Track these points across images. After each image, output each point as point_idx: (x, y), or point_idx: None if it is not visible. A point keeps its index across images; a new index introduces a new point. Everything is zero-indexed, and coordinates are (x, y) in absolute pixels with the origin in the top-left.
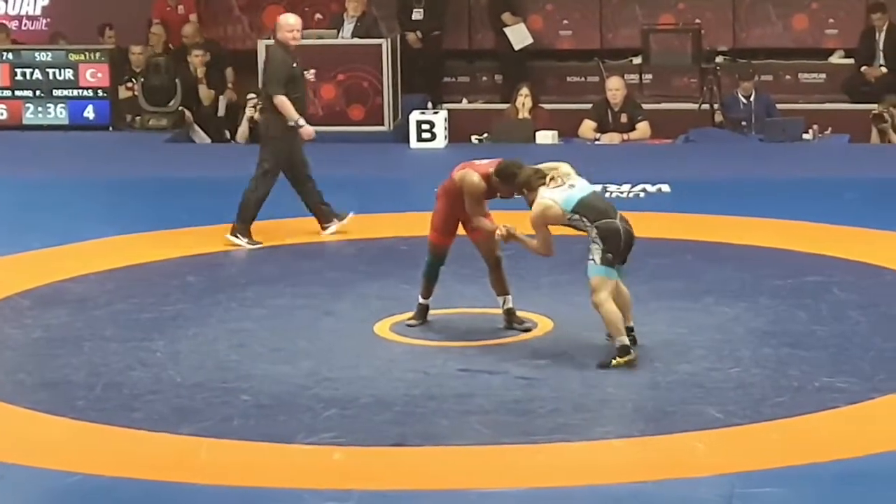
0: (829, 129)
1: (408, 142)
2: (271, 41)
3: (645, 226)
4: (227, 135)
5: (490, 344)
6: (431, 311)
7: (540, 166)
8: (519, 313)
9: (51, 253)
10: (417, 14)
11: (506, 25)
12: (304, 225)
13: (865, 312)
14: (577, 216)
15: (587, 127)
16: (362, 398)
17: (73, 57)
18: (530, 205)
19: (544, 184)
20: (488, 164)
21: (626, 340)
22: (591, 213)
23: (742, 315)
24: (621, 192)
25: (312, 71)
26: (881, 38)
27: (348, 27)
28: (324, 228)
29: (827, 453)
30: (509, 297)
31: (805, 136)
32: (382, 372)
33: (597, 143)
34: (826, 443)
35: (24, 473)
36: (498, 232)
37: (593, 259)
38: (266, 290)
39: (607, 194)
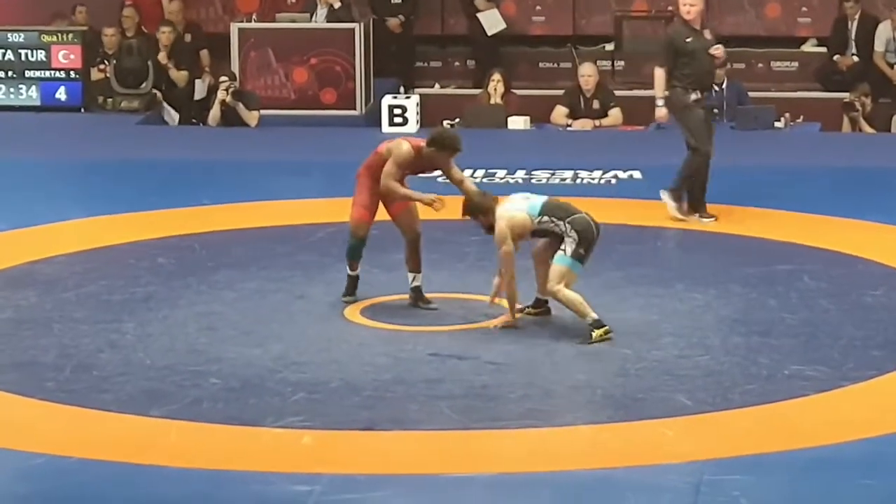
0: (801, 117)
1: (380, 126)
2: (247, 24)
3: (616, 212)
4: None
5: (460, 329)
6: (401, 296)
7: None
8: (484, 297)
9: (21, 234)
10: None
11: (479, 10)
12: (277, 208)
13: (836, 301)
14: (546, 218)
15: (559, 113)
16: (332, 382)
17: (45, 38)
18: (487, 229)
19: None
20: (421, 140)
21: (595, 316)
22: (559, 212)
23: (712, 302)
24: (593, 179)
25: (719, 47)
26: (853, 27)
27: (321, 11)
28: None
29: (796, 441)
30: (419, 275)
31: (777, 124)
32: (352, 356)
33: (569, 129)
34: (795, 430)
35: None
36: (437, 204)
37: (564, 250)
38: (237, 273)
39: (579, 180)
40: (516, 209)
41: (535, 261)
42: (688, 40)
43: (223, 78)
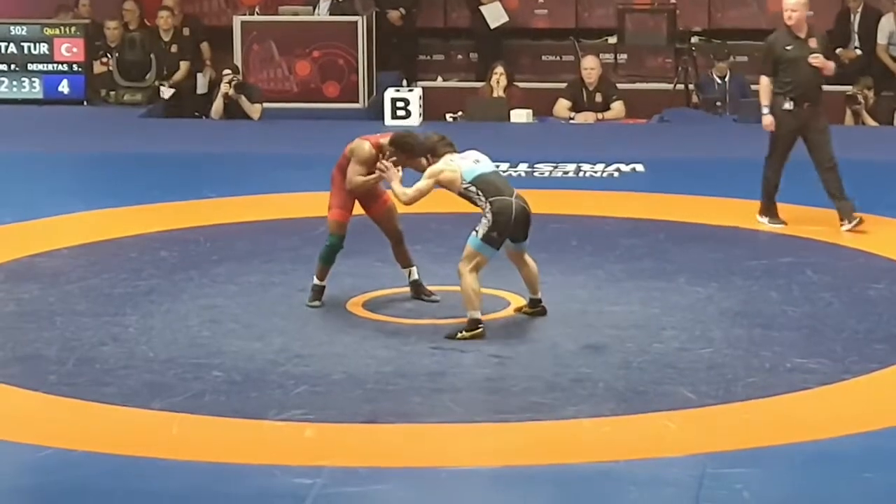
0: None
1: (382, 119)
2: (249, 17)
3: (619, 205)
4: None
5: (463, 322)
6: (404, 289)
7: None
8: (493, 292)
9: (23, 227)
10: None
11: (482, 4)
12: (279, 201)
13: (838, 294)
14: (473, 188)
15: (562, 106)
16: (334, 375)
17: (48, 31)
18: (417, 167)
19: (450, 152)
20: (381, 136)
21: (478, 315)
22: (488, 188)
23: (715, 295)
24: (595, 172)
25: (817, 56)
26: (856, 20)
27: (324, 4)
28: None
29: (799, 434)
30: (414, 268)
31: None
32: (354, 349)
33: (571, 122)
34: (798, 424)
35: None
36: (379, 164)
37: (476, 231)
38: (239, 266)
39: (581, 173)
40: (454, 166)
41: (513, 262)
42: (788, 48)
43: (226, 71)
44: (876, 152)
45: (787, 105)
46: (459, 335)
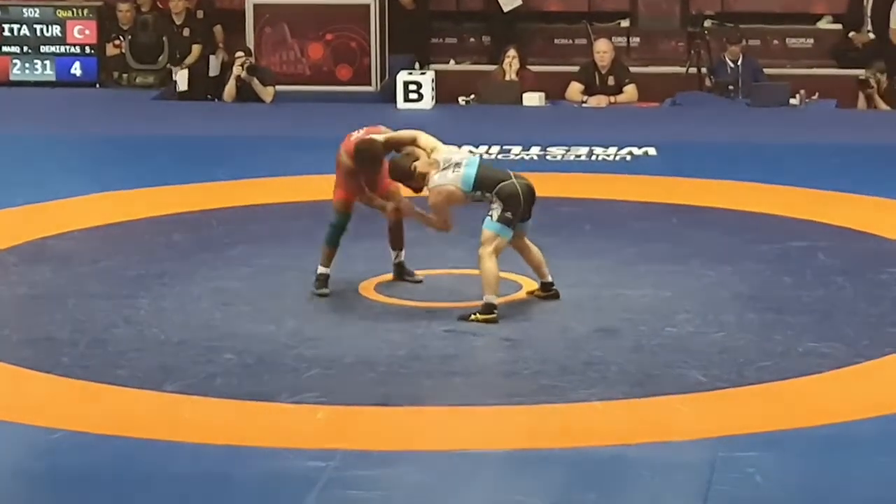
0: (816, 94)
1: (395, 102)
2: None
3: (631, 189)
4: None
5: (475, 305)
6: (417, 272)
7: (396, 134)
8: (504, 275)
9: (36, 209)
10: None
11: None
12: (292, 183)
13: (850, 278)
14: (478, 193)
15: (574, 89)
16: (346, 358)
17: (60, 13)
18: (416, 189)
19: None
20: (360, 137)
21: (495, 300)
22: (489, 184)
23: (727, 279)
24: (608, 155)
25: None
26: (869, 3)
27: None
28: None
29: (811, 418)
30: (402, 252)
31: (792, 100)
32: (367, 332)
33: (584, 105)
34: (810, 408)
35: (8, 430)
36: (391, 207)
37: (491, 215)
38: (252, 249)
39: (594, 157)
40: (449, 182)
41: (515, 248)
42: None
43: (239, 53)
44: (889, 136)
45: None
46: (473, 316)
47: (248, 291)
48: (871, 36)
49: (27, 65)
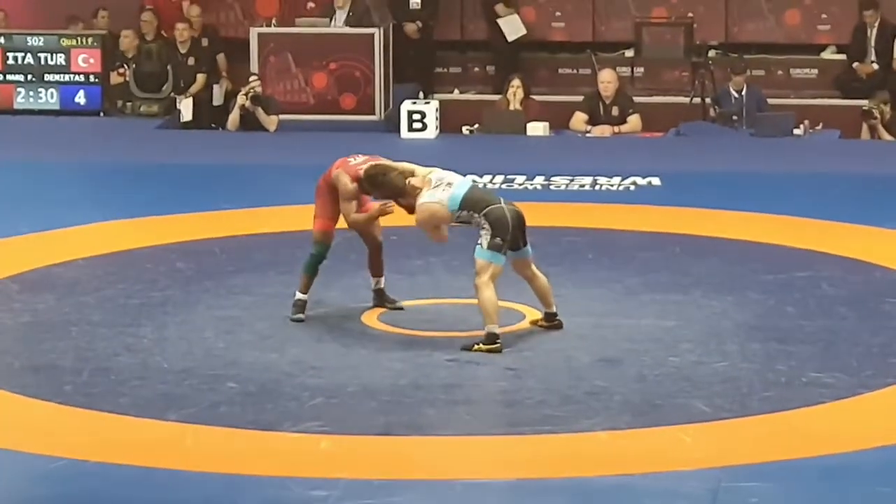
0: (820, 124)
1: (399, 131)
2: (266, 29)
3: (635, 218)
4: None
5: (478, 334)
6: (420, 301)
7: (409, 167)
8: (507, 304)
9: (40, 237)
10: (415, 3)
11: (499, 16)
12: (296, 213)
13: (853, 308)
14: (464, 213)
15: (578, 119)
16: (349, 387)
17: (64, 42)
18: (408, 209)
19: (421, 188)
20: (361, 164)
21: (497, 329)
22: (476, 205)
23: (730, 309)
24: (612, 185)
25: None
26: (873, 34)
27: (340, 16)
28: None
29: (814, 448)
30: (382, 279)
31: (796, 131)
32: (369, 361)
33: (588, 135)
34: (813, 438)
35: (10, 457)
36: (386, 207)
37: (480, 243)
38: (255, 277)
39: (597, 187)
40: (436, 201)
41: (521, 275)
42: None
43: (252, 77)
44: (892, 167)
45: None
46: (476, 347)
47: (250, 320)
48: (875, 66)
49: (31, 93)
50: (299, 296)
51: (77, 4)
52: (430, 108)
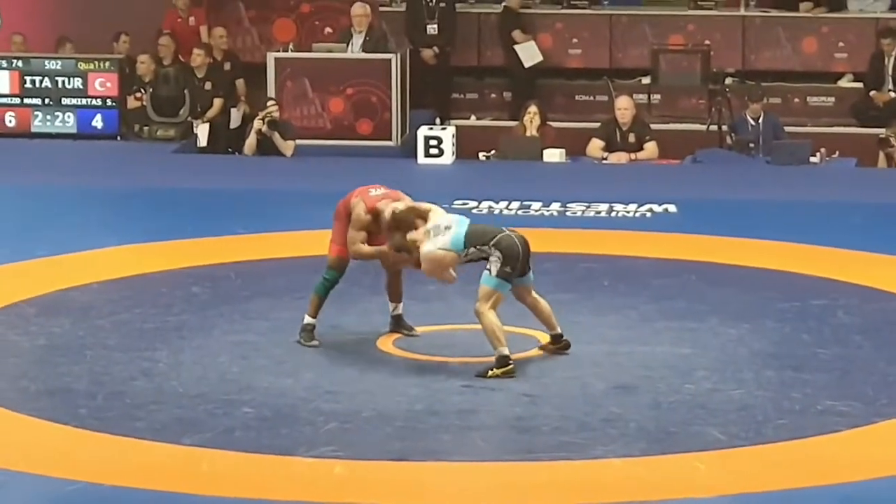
0: (837, 152)
1: (415, 157)
2: (283, 53)
3: (651, 246)
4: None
5: (492, 360)
6: (435, 327)
7: (416, 206)
8: (520, 331)
9: (56, 261)
10: (432, 29)
11: (516, 43)
12: (311, 238)
13: (869, 336)
14: (472, 250)
15: (595, 146)
16: (364, 412)
17: (81, 66)
18: (415, 264)
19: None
20: (380, 197)
21: (505, 352)
22: (482, 239)
23: (746, 337)
24: (628, 212)
25: None
26: (890, 62)
27: (357, 40)
28: None
29: (829, 477)
30: (401, 304)
31: (812, 159)
32: (384, 386)
33: (604, 162)
34: (828, 466)
35: (26, 481)
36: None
37: (489, 269)
38: (270, 302)
39: (614, 213)
40: (440, 247)
41: (524, 303)
42: None
43: (270, 101)
44: None
45: None
46: (490, 372)
47: (266, 345)
48: (892, 95)
49: (48, 117)
50: (308, 320)
51: (97, 29)
52: (447, 134)
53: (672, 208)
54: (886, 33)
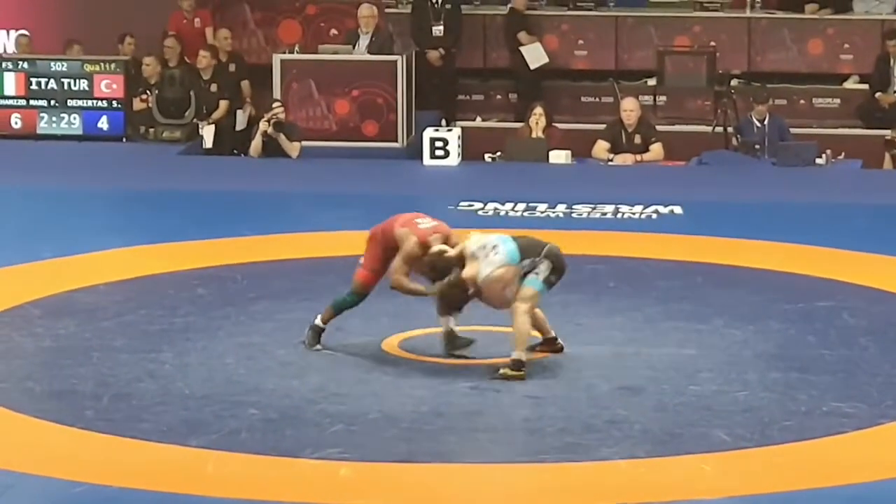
0: (842, 153)
1: (421, 159)
2: (289, 55)
3: (656, 247)
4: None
5: (500, 362)
6: (439, 329)
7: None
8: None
9: (62, 263)
10: (438, 31)
11: (521, 44)
12: (317, 239)
13: (875, 338)
14: (526, 262)
15: (600, 147)
16: (370, 414)
17: (87, 67)
18: (474, 295)
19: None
20: (430, 231)
21: (525, 357)
22: (534, 250)
23: (751, 338)
24: (633, 214)
25: None
26: None
27: (364, 41)
28: None
29: (834, 478)
30: (452, 318)
31: (818, 160)
32: (390, 388)
33: (610, 163)
34: (833, 468)
35: (32, 482)
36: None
37: (537, 273)
38: (277, 304)
39: (619, 215)
40: (496, 267)
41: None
42: None
43: (275, 103)
44: None
45: None
46: (503, 371)
47: (272, 346)
48: None
49: (54, 118)
50: (318, 323)
51: (104, 31)
52: (453, 136)
53: (678, 210)
54: (892, 35)
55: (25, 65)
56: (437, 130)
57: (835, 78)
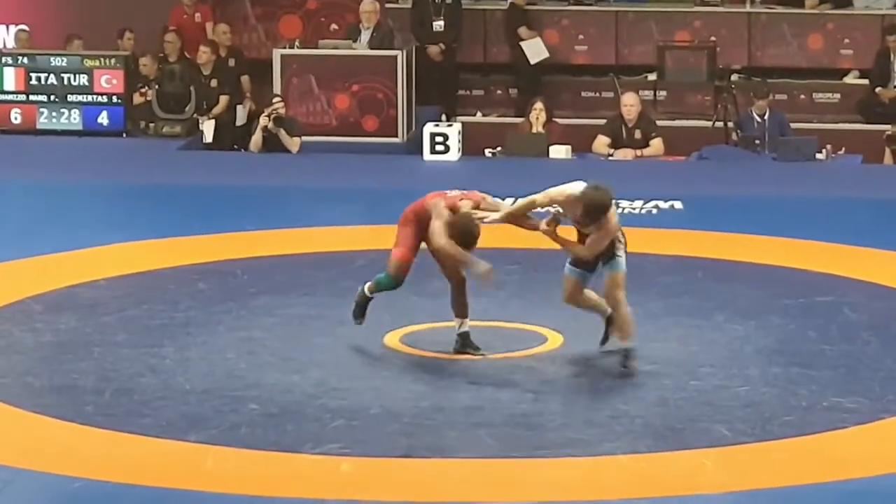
0: (843, 149)
1: (421, 154)
2: (289, 50)
3: (657, 243)
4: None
5: (500, 357)
6: (442, 324)
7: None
8: (528, 328)
9: (62, 258)
10: (438, 26)
11: (522, 39)
12: (318, 234)
13: (876, 333)
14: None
15: (601, 142)
16: (371, 409)
17: (87, 63)
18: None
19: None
20: (458, 197)
21: (633, 344)
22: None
23: (752, 333)
24: (634, 208)
25: None
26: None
27: (365, 36)
28: None
29: (835, 473)
30: (467, 320)
31: (818, 155)
32: (391, 383)
33: (610, 158)
34: (834, 462)
35: (32, 478)
36: (543, 227)
37: (619, 255)
38: (277, 299)
39: (620, 210)
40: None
41: (579, 299)
42: None
43: (275, 98)
44: None
45: None
46: (634, 363)
47: (272, 341)
48: None
49: (54, 113)
50: (368, 293)
51: (104, 26)
52: (453, 131)
53: (678, 205)
54: (892, 30)
55: (25, 60)
56: (437, 125)
57: (835, 73)
